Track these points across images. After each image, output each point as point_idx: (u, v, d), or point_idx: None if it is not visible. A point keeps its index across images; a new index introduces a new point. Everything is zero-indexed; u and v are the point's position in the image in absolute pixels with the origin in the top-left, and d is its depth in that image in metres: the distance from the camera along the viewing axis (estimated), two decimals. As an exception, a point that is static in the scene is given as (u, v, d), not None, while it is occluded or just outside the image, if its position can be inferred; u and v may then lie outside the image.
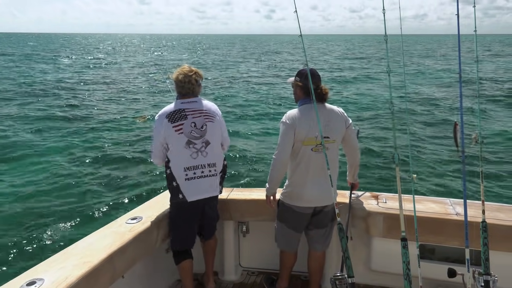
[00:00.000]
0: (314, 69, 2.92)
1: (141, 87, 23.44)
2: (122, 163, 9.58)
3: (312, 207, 2.97)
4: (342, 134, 2.93)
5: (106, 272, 2.41)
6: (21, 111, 15.53)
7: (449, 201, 3.22)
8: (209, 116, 3.00)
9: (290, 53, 59.30)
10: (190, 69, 3.04)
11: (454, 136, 2.48)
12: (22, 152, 10.25)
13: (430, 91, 21.11)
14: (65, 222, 6.58)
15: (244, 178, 8.28)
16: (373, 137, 11.60)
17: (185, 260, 3.10)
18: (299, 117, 2.84)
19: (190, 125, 2.92)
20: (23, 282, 2.07)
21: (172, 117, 2.92)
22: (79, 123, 13.78)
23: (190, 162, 2.92)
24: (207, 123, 2.97)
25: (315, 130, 2.79)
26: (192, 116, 2.94)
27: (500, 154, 10.15)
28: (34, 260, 5.35)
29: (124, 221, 2.92)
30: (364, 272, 3.30)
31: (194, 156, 2.92)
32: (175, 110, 2.95)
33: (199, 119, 2.95)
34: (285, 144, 2.85)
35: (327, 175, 2.83)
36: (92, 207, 7.19)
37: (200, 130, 2.95)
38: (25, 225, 6.45)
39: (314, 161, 2.86)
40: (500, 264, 2.56)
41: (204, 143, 2.95)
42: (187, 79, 2.99)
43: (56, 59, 43.82)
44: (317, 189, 2.89)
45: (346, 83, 25.57)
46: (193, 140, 2.92)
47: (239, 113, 16.02)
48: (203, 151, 2.94)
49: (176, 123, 2.91)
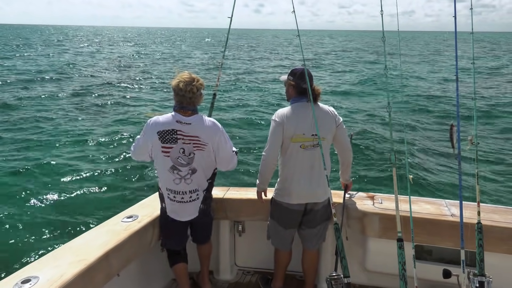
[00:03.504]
0: (307, 69, 2.95)
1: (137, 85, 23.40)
2: (117, 161, 9.56)
3: (302, 204, 2.99)
4: (333, 132, 2.95)
5: (102, 270, 2.40)
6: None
7: (444, 202, 3.23)
8: (200, 145, 2.81)
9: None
10: (191, 77, 2.84)
11: (451, 138, 2.50)
12: (16, 146, 10.23)
13: (427, 91, 21.15)
14: (60, 220, 6.55)
15: (240, 178, 8.30)
16: (370, 138, 11.62)
17: (178, 264, 3.10)
18: (288, 115, 2.89)
19: (178, 150, 2.80)
20: (18, 280, 2.07)
21: (163, 136, 2.79)
22: (68, 118, 13.73)
23: (172, 186, 2.87)
24: (195, 151, 2.82)
25: (303, 128, 2.86)
26: (183, 142, 2.79)
27: (496, 155, 10.19)
28: (29, 258, 5.34)
29: (119, 219, 2.92)
30: (360, 272, 3.31)
31: (176, 182, 2.85)
32: (168, 130, 2.79)
33: (189, 146, 2.80)
34: (274, 141, 2.91)
35: (317, 172, 2.88)
36: (87, 205, 7.17)
37: (188, 158, 2.82)
38: (19, 223, 6.42)
39: (303, 158, 2.90)
40: (494, 265, 2.57)
41: (191, 171, 2.85)
42: (188, 88, 2.79)
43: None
44: (305, 186, 2.93)
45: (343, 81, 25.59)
46: (179, 167, 2.82)
47: (234, 111, 16.01)
48: (187, 178, 2.85)
49: (165, 144, 2.79)
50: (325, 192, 2.93)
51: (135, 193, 7.66)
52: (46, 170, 8.81)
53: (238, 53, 50.70)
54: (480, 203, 2.50)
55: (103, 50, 50.39)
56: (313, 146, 2.88)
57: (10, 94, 18.01)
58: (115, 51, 49.37)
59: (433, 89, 22.13)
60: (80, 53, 44.39)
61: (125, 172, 8.86)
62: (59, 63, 31.49)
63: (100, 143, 10.94)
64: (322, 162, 2.78)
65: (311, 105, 2.79)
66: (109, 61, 35.32)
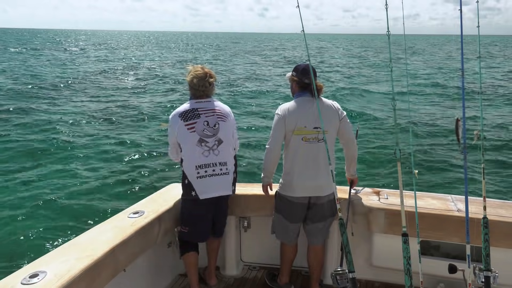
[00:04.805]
0: (310, 65, 2.99)
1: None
2: (124, 159, 9.60)
3: (306, 197, 3.00)
4: (336, 126, 2.97)
5: (108, 266, 2.42)
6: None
7: (450, 197, 3.22)
8: (222, 116, 3.03)
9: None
10: (204, 72, 3.05)
11: (456, 132, 2.48)
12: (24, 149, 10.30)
13: (432, 87, 21.04)
14: (68, 216, 6.61)
15: (246, 174, 8.31)
16: (375, 134, 11.59)
17: (190, 252, 3.13)
18: (290, 109, 2.95)
19: (203, 123, 2.95)
20: (26, 275, 2.09)
21: (185, 115, 2.97)
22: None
23: (201, 160, 2.93)
24: (219, 122, 3.00)
25: (304, 121, 2.89)
26: (205, 115, 2.98)
27: (502, 150, 10.13)
28: (37, 253, 5.39)
29: (126, 215, 2.93)
30: (365, 268, 3.31)
31: (206, 154, 2.94)
32: (188, 110, 2.99)
33: (212, 118, 2.99)
34: (276, 134, 2.98)
35: (319, 166, 2.88)
36: (94, 201, 7.22)
37: (213, 129, 2.97)
38: (27, 218, 6.49)
39: (304, 151, 2.93)
40: (500, 260, 2.56)
41: (217, 142, 2.97)
42: (202, 83, 3.02)
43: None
44: (308, 179, 2.95)
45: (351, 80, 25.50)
46: (206, 139, 2.94)
47: (241, 107, 16.01)
48: (215, 149, 2.96)
49: (189, 121, 2.95)
50: (329, 186, 2.92)
51: (142, 189, 7.70)
52: (54, 167, 8.88)
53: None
54: (486, 198, 2.48)
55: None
56: (315, 139, 2.90)
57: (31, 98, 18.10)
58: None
59: (439, 81, 21.98)
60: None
61: (132, 168, 8.92)
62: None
63: (109, 142, 10.99)
64: (325, 156, 2.80)
65: (316, 99, 2.79)
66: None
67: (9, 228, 6.19)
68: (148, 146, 10.44)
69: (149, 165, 9.01)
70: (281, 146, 3.03)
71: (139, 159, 9.47)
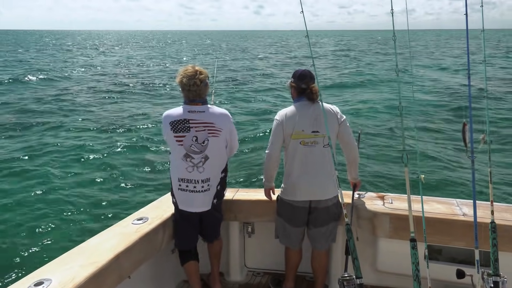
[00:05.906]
0: (307, 70, 3.08)
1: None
2: (127, 164, 9.61)
3: (306, 201, 3.01)
4: (335, 130, 2.98)
5: (113, 273, 2.41)
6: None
7: (455, 202, 3.19)
8: (214, 131, 2.90)
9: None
10: (194, 70, 2.91)
11: (463, 136, 2.46)
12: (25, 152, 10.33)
13: (438, 89, 20.95)
14: (71, 223, 6.61)
15: (249, 179, 8.29)
16: (381, 138, 11.55)
17: (189, 262, 3.11)
18: (287, 114, 3.00)
19: (191, 139, 2.86)
20: (30, 283, 2.08)
21: (175, 126, 2.87)
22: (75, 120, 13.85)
23: (184, 174, 2.90)
24: (209, 138, 2.88)
25: (302, 124, 2.93)
26: (196, 129, 2.86)
27: (509, 153, 10.06)
28: (42, 260, 5.39)
29: (130, 221, 2.93)
30: (370, 273, 3.28)
31: (189, 170, 2.89)
32: (180, 120, 2.87)
33: (202, 133, 2.87)
34: (274, 138, 3.02)
35: (318, 169, 2.89)
36: (98, 208, 7.22)
37: (201, 145, 2.88)
38: (32, 226, 6.48)
39: (303, 155, 2.95)
40: (509, 265, 2.53)
41: (203, 159, 2.89)
42: (192, 82, 2.86)
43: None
44: (307, 182, 2.96)
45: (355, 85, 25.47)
46: (192, 154, 2.87)
47: (244, 112, 16.02)
48: (200, 166, 2.89)
49: (178, 133, 2.86)
50: (329, 189, 2.95)
51: (145, 195, 7.69)
52: (57, 172, 8.90)
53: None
54: (493, 202, 2.46)
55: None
56: (314, 143, 2.92)
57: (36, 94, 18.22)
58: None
59: (445, 85, 21.90)
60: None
61: (135, 174, 8.92)
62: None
63: (112, 146, 11.02)
64: (325, 160, 2.81)
65: (321, 103, 2.81)
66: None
67: (13, 236, 6.19)
68: (151, 152, 10.45)
69: (153, 171, 9.01)
70: (281, 151, 3.07)
71: (143, 164, 9.47)
